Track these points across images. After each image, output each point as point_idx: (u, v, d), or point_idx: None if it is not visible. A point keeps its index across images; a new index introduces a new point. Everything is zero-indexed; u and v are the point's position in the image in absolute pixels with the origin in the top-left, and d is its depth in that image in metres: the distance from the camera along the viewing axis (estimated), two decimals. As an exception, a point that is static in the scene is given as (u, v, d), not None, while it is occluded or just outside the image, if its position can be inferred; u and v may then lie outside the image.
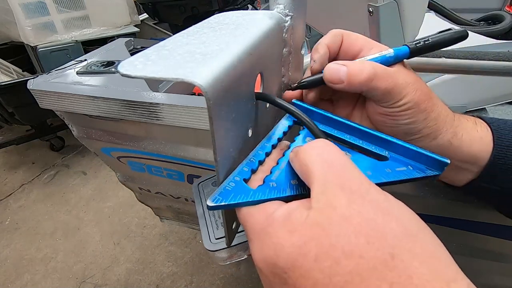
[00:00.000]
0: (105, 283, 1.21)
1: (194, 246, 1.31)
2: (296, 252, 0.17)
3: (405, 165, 0.24)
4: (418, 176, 0.24)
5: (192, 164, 0.57)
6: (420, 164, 0.24)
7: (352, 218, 0.16)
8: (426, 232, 0.17)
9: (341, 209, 0.17)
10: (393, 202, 0.18)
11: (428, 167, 0.24)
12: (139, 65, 0.17)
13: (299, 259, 0.16)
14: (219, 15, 0.26)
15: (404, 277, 0.15)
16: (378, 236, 0.16)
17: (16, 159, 1.91)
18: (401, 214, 0.17)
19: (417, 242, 0.16)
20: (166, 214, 0.92)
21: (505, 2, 1.18)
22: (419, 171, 0.24)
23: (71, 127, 0.62)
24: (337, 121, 0.27)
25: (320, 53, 0.28)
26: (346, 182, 0.18)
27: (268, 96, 0.25)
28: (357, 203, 0.17)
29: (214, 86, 0.17)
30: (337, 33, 0.29)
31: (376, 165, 0.24)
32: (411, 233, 0.16)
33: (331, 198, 0.17)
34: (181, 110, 0.45)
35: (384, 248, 0.15)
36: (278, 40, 0.27)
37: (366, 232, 0.16)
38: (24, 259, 1.33)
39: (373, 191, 0.18)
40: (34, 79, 0.55)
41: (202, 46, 0.20)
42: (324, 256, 0.16)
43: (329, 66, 0.26)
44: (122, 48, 0.70)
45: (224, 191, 0.21)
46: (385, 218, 0.16)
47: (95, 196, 1.61)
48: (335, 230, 0.16)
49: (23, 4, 1.40)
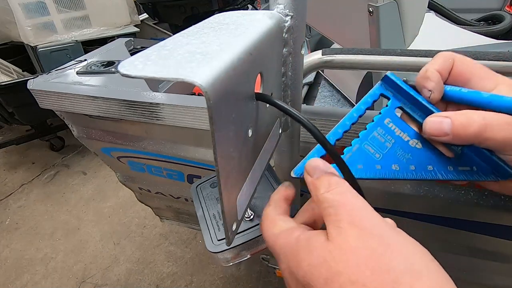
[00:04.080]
0: (105, 283, 1.21)
1: (194, 246, 1.31)
2: (311, 272, 0.19)
3: (470, 166, 0.25)
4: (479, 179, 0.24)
5: (192, 164, 0.57)
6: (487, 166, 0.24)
7: (360, 250, 0.18)
8: (434, 269, 0.18)
9: (351, 242, 0.19)
10: (404, 239, 0.19)
11: (494, 172, 0.24)
12: (139, 65, 0.17)
13: (313, 279, 0.19)
14: (219, 15, 0.26)
15: None
16: (382, 269, 0.17)
17: (16, 159, 1.91)
18: (410, 251, 0.18)
19: (421, 278, 0.17)
20: (166, 214, 0.92)
21: (505, 2, 1.18)
22: (482, 175, 0.24)
23: (71, 127, 0.62)
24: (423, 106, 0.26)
25: (435, 81, 0.25)
26: (357, 220, 0.19)
27: (268, 98, 0.25)
28: (366, 238, 0.18)
29: (214, 86, 0.17)
30: (448, 57, 0.25)
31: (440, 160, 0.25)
32: (416, 269, 0.17)
33: (343, 233, 0.19)
34: (181, 110, 0.45)
35: (387, 281, 0.17)
36: (278, 40, 0.27)
37: (372, 265, 0.17)
38: (24, 259, 1.33)
39: (384, 228, 0.19)
40: (34, 79, 0.55)
41: (202, 46, 0.20)
42: (332, 281, 0.18)
43: (429, 120, 0.24)
44: (122, 48, 0.70)
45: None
46: (392, 254, 0.18)
47: (95, 196, 1.61)
48: (344, 260, 0.18)
49: (23, 4, 1.40)
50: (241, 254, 0.34)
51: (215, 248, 0.32)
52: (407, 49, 0.42)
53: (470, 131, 0.22)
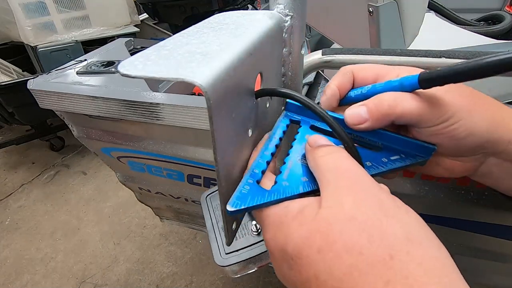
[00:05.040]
0: (105, 283, 1.21)
1: (194, 246, 1.31)
2: (302, 242, 0.18)
3: (398, 154, 0.26)
4: (411, 163, 0.25)
5: (192, 164, 0.57)
6: (411, 150, 0.26)
7: (357, 217, 0.17)
8: (431, 239, 0.18)
9: (348, 208, 0.18)
10: (401, 206, 0.19)
11: (418, 153, 0.26)
12: (139, 65, 0.17)
13: (304, 249, 0.18)
14: (219, 15, 0.26)
15: (399, 277, 0.15)
16: (379, 236, 0.17)
17: (16, 159, 1.91)
18: (407, 219, 0.18)
19: (418, 247, 0.16)
20: (166, 214, 0.92)
21: (505, 2, 1.18)
22: (411, 158, 0.25)
23: (71, 127, 0.62)
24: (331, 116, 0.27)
25: (327, 95, 0.27)
26: (355, 185, 0.19)
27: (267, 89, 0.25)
28: (364, 204, 0.18)
29: (214, 86, 0.17)
30: (346, 71, 0.28)
31: (373, 155, 0.25)
32: (413, 237, 0.17)
33: (340, 198, 0.18)
34: (181, 110, 0.45)
35: (384, 248, 0.16)
36: (278, 40, 0.27)
37: (369, 231, 0.17)
38: (24, 259, 1.33)
39: (382, 196, 0.19)
40: (34, 79, 0.55)
41: (202, 46, 0.20)
42: (327, 249, 0.17)
43: (348, 112, 0.25)
44: (122, 48, 0.70)
45: (240, 194, 0.21)
46: (389, 221, 0.17)
47: (95, 196, 1.61)
48: (339, 226, 0.17)
49: (23, 4, 1.40)
50: (248, 267, 0.34)
51: (223, 262, 0.33)
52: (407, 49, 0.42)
53: (383, 110, 0.23)
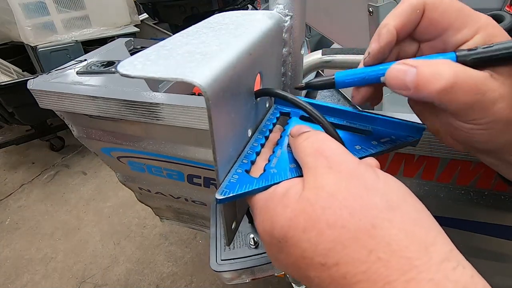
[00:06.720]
0: (105, 283, 1.21)
1: (194, 246, 1.31)
2: (288, 225, 0.18)
3: (388, 136, 0.26)
4: (400, 143, 0.26)
5: (192, 164, 0.57)
6: (401, 132, 0.26)
7: (338, 193, 0.18)
8: (410, 202, 0.18)
9: (329, 187, 0.18)
10: (380, 177, 0.19)
11: (408, 134, 0.26)
12: (139, 65, 0.17)
13: (290, 231, 0.18)
14: (218, 15, 0.26)
15: (383, 244, 0.16)
16: (361, 209, 0.17)
17: (16, 159, 1.91)
18: (387, 188, 0.18)
19: (399, 212, 0.17)
20: (166, 214, 0.92)
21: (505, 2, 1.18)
22: (401, 139, 0.26)
23: (71, 127, 0.62)
24: (319, 106, 0.27)
25: (381, 44, 0.22)
26: (334, 164, 0.19)
27: (266, 90, 0.25)
28: (344, 181, 0.18)
29: (214, 86, 0.17)
30: (417, 6, 0.21)
31: (363, 139, 0.26)
32: (393, 205, 0.17)
33: (320, 178, 0.19)
34: (181, 110, 0.45)
35: (366, 219, 0.17)
36: (278, 40, 0.27)
37: (350, 206, 0.17)
38: (24, 259, 1.33)
39: (361, 170, 0.19)
40: (34, 79, 0.54)
41: (202, 46, 0.20)
42: (311, 228, 0.17)
43: (393, 68, 0.21)
44: (122, 48, 0.70)
45: (229, 183, 0.22)
46: (369, 193, 0.18)
47: (95, 196, 1.61)
48: (321, 204, 0.18)
49: (23, 4, 1.40)
50: (241, 277, 0.35)
51: (218, 268, 0.34)
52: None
53: (434, 88, 0.19)
